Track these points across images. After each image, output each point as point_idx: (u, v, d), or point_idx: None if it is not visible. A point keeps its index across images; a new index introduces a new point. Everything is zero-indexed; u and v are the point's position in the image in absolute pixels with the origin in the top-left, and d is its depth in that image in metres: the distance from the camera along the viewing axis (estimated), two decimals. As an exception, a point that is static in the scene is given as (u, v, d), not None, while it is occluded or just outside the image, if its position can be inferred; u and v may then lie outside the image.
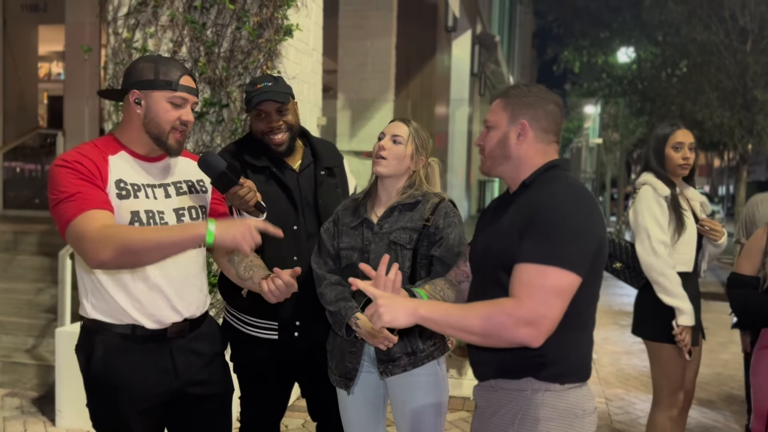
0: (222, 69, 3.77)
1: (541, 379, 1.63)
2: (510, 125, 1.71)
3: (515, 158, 1.72)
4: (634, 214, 2.94)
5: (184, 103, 1.90)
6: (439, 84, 8.24)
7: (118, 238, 1.70)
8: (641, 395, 4.77)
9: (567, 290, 1.52)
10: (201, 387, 2.00)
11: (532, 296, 1.50)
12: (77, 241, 1.74)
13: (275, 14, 3.72)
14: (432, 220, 2.13)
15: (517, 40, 23.23)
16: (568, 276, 1.52)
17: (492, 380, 1.72)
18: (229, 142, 3.80)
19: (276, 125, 2.32)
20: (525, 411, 1.63)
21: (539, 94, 1.73)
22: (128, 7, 3.92)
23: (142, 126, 1.90)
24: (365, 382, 2.21)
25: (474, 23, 10.83)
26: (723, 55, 10.92)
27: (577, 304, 1.59)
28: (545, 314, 1.49)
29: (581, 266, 1.54)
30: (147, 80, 1.87)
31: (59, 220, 1.77)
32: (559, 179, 1.65)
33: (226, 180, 1.96)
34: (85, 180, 1.78)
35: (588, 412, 1.67)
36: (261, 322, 2.34)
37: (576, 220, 1.55)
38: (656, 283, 2.86)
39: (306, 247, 2.34)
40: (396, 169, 2.18)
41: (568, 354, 1.64)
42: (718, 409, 4.56)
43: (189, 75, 1.92)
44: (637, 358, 5.84)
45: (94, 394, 1.93)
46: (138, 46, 3.88)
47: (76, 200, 1.74)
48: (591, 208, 1.61)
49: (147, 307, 1.88)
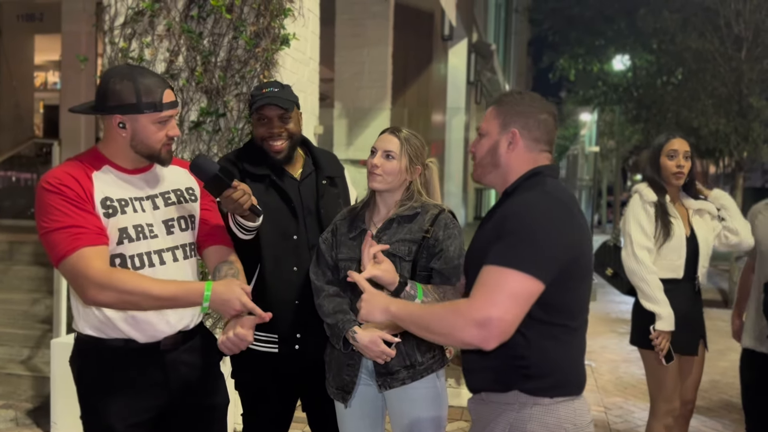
0: (219, 78, 3.76)
1: (527, 393, 1.61)
2: (501, 133, 1.70)
3: (504, 166, 1.71)
4: (623, 221, 3.03)
5: (169, 120, 1.88)
6: (435, 92, 8.25)
7: (121, 284, 1.74)
8: (640, 404, 4.75)
9: (523, 295, 1.49)
10: (195, 399, 1.98)
11: (485, 297, 1.49)
12: (74, 279, 1.76)
13: (272, 24, 3.72)
14: (431, 232, 2.11)
15: (513, 48, 23.30)
16: (527, 280, 1.49)
17: (483, 393, 1.71)
18: (227, 151, 3.80)
19: (277, 131, 2.30)
20: (513, 425, 1.62)
21: (532, 102, 1.71)
22: (125, 16, 3.91)
23: (129, 146, 1.87)
24: (363, 395, 2.18)
25: (470, 32, 10.87)
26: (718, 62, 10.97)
27: (560, 314, 1.59)
28: (497, 316, 1.46)
29: (544, 272, 1.50)
30: (130, 104, 1.81)
31: (51, 250, 1.76)
32: (538, 186, 1.64)
33: (219, 183, 1.92)
34: (74, 206, 1.76)
35: (579, 426, 1.62)
36: (261, 335, 2.30)
37: (543, 227, 1.53)
38: (638, 288, 2.92)
39: (306, 258, 2.31)
40: (392, 183, 2.17)
41: (555, 367, 1.61)
42: (717, 418, 4.54)
43: (169, 88, 1.88)
44: (636, 366, 5.82)
45: (88, 407, 1.91)
46: (134, 55, 3.87)
47: (70, 234, 1.73)
48: (564, 215, 1.58)
49: (139, 322, 1.86)
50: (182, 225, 1.97)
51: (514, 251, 1.51)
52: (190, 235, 2.01)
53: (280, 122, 2.30)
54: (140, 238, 1.85)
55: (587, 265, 1.65)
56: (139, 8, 3.87)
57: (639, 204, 2.96)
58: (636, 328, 3.02)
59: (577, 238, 1.58)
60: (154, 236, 1.89)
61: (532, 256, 1.50)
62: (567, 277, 1.56)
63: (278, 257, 2.30)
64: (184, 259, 1.96)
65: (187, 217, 2.00)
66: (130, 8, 3.90)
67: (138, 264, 1.86)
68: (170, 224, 1.94)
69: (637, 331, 3.01)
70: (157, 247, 1.89)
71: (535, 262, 1.50)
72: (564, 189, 1.70)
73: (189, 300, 1.81)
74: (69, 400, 3.58)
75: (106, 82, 1.84)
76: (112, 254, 1.82)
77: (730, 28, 10.75)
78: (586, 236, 1.64)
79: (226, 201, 1.97)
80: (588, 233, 1.66)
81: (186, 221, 1.99)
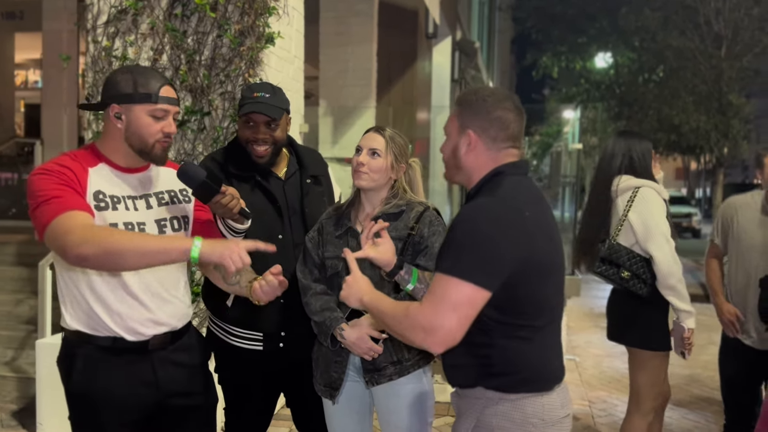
0: (204, 77, 3.75)
1: (490, 389, 1.64)
2: (459, 135, 1.70)
3: (466, 168, 1.71)
4: (640, 217, 2.82)
5: (165, 115, 1.88)
6: (420, 90, 8.28)
7: (104, 236, 1.68)
8: (623, 397, 4.81)
9: (466, 304, 1.51)
10: (184, 399, 1.98)
11: (431, 306, 1.53)
12: (58, 237, 1.69)
13: (257, 22, 3.72)
14: (417, 229, 2.14)
15: (497, 46, 23.40)
16: (470, 289, 1.51)
17: (458, 388, 1.74)
18: (212, 150, 3.80)
19: (262, 137, 2.30)
20: (479, 419, 1.65)
21: (486, 100, 1.68)
22: (108, 15, 3.89)
23: (123, 139, 1.88)
24: (351, 392, 2.20)
25: (454, 30, 10.90)
26: (698, 60, 11.11)
27: (519, 315, 1.60)
28: (440, 324, 1.50)
29: (488, 280, 1.52)
30: (126, 94, 1.84)
31: (39, 221, 1.73)
32: (492, 190, 1.63)
33: (208, 189, 1.94)
34: (65, 185, 1.77)
35: (548, 422, 1.63)
36: (246, 332, 2.33)
37: (488, 235, 1.54)
38: (673, 289, 2.78)
39: (292, 257, 2.33)
40: (377, 181, 2.19)
41: (519, 364, 1.62)
42: (698, 411, 4.62)
43: (169, 85, 1.89)
44: (619, 360, 5.89)
45: (76, 407, 1.91)
46: (118, 54, 3.85)
47: (57, 202, 1.72)
48: (512, 220, 1.56)
49: (126, 320, 1.86)
50: (175, 225, 1.98)
51: (458, 260, 1.54)
52: (183, 236, 2.01)
53: (266, 128, 2.30)
54: None
55: (546, 265, 1.63)
56: (123, 7, 3.85)
57: (658, 199, 2.84)
58: (628, 328, 2.94)
59: (526, 242, 1.57)
60: None
61: (475, 265, 1.52)
62: (519, 281, 1.56)
63: (265, 257, 2.30)
64: None
65: (180, 218, 2.00)
66: (113, 7, 3.88)
67: None
68: (163, 224, 1.94)
69: (630, 330, 2.93)
70: None
71: (479, 271, 1.52)
72: (524, 188, 1.67)
73: (176, 244, 1.70)
74: (55, 400, 3.57)
75: (109, 77, 1.90)
76: None
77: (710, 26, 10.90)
78: (544, 237, 1.62)
79: (216, 206, 1.99)
80: (548, 233, 1.64)
81: (179, 221, 2.00)
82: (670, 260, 2.76)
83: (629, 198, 2.86)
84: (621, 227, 2.88)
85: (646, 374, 2.95)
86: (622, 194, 2.89)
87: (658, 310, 2.88)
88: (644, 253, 2.82)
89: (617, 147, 2.99)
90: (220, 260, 1.69)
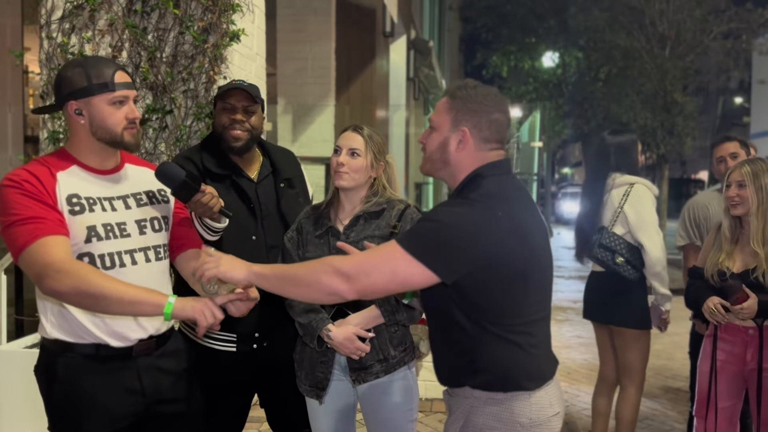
0: (166, 74, 3.67)
1: (476, 388, 1.64)
2: (451, 130, 1.68)
3: (453, 165, 1.70)
4: (635, 210, 3.13)
5: (126, 101, 1.84)
6: (378, 88, 8.29)
7: (81, 276, 1.65)
8: (584, 387, 4.95)
9: (403, 275, 1.56)
10: (170, 406, 1.94)
11: (367, 257, 1.58)
12: (33, 268, 1.67)
13: (221, 19, 3.66)
14: (399, 227, 2.15)
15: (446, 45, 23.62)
16: (417, 267, 1.54)
17: (448, 387, 1.76)
18: (174, 149, 3.72)
19: (239, 118, 2.29)
20: (468, 418, 1.66)
21: (485, 100, 1.68)
22: (63, 10, 3.76)
23: (90, 135, 1.83)
24: (336, 391, 2.20)
25: (408, 29, 10.96)
26: (644, 59, 11.49)
27: (499, 316, 1.61)
28: (368, 275, 1.55)
29: (440, 269, 1.55)
30: (81, 88, 1.80)
31: (12, 244, 1.70)
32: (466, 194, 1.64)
33: (187, 189, 1.92)
34: (34, 200, 1.71)
35: (536, 421, 1.64)
36: (219, 334, 2.30)
37: (451, 231, 1.56)
38: (658, 275, 3.12)
39: (264, 258, 2.30)
40: (358, 181, 2.19)
41: (502, 363, 1.63)
42: (655, 398, 4.78)
43: (122, 70, 1.86)
44: (576, 351, 6.05)
45: (58, 418, 1.84)
46: (74, 51, 3.73)
47: (30, 224, 1.68)
48: (485, 222, 1.57)
49: (110, 324, 1.82)
50: (155, 226, 1.94)
51: (419, 240, 1.57)
52: (163, 236, 1.97)
53: (243, 113, 2.30)
54: (110, 237, 1.81)
55: (522, 265, 1.62)
56: (79, 2, 3.73)
57: (651, 195, 3.18)
58: (620, 310, 3.23)
59: (493, 243, 1.57)
60: (126, 235, 1.85)
61: (432, 249, 1.55)
62: (488, 280, 1.58)
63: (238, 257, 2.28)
64: (156, 260, 1.92)
65: (161, 218, 1.97)
66: (68, 2, 3.75)
67: (108, 263, 1.81)
68: (143, 224, 1.90)
69: (622, 312, 3.22)
70: (129, 246, 1.85)
71: (434, 256, 1.54)
72: (504, 189, 1.67)
73: (152, 298, 1.69)
74: (13, 409, 3.44)
75: (59, 75, 1.84)
76: (80, 253, 1.78)
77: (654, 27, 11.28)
78: (520, 237, 1.61)
79: (195, 205, 1.97)
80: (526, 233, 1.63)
81: (159, 222, 1.96)
82: (658, 249, 3.11)
83: (624, 192, 3.19)
84: (617, 218, 3.18)
85: (637, 351, 3.26)
86: (617, 188, 3.20)
87: (642, 292, 3.21)
88: (635, 242, 3.15)
89: (609, 144, 3.31)
90: (193, 317, 1.70)
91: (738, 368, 2.71)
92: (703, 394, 2.78)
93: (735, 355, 2.71)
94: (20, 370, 3.36)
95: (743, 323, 2.66)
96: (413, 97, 13.09)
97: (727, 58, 13.38)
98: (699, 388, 2.82)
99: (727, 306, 2.61)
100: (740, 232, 2.71)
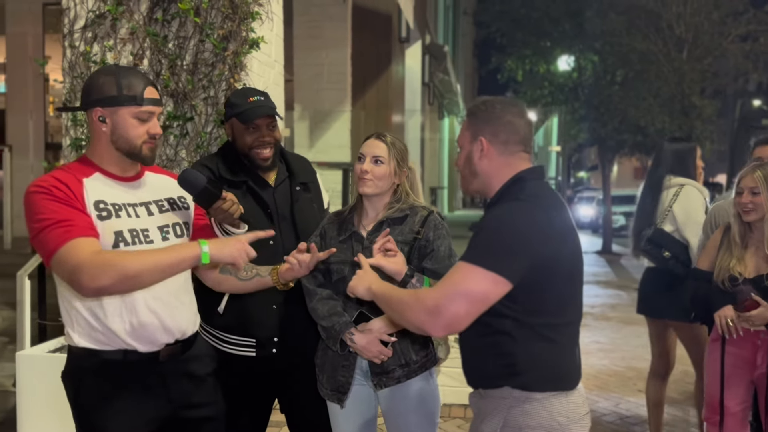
0: (186, 82, 3.71)
1: (516, 387, 1.66)
2: (472, 143, 1.77)
3: (481, 174, 1.77)
4: (684, 210, 3.41)
5: (150, 117, 1.87)
6: (394, 94, 8.33)
7: (116, 263, 1.67)
8: (602, 393, 4.92)
9: (481, 292, 1.56)
10: (195, 410, 1.96)
11: (442, 289, 1.58)
12: (68, 271, 1.69)
13: (241, 27, 3.69)
14: (422, 233, 2.16)
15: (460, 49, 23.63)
16: (488, 277, 1.55)
17: (480, 389, 1.76)
18: (194, 156, 3.76)
19: (267, 140, 2.31)
20: (507, 419, 1.67)
21: (494, 108, 1.77)
22: (85, 19, 3.82)
23: (110, 143, 1.86)
24: (357, 395, 2.21)
25: (423, 34, 10.99)
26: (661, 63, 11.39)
27: (542, 314, 1.65)
28: (446, 308, 1.54)
29: (508, 271, 1.57)
30: (110, 97, 1.82)
31: (43, 248, 1.72)
32: (514, 195, 1.69)
33: (209, 195, 1.94)
34: (64, 204, 1.74)
35: (573, 419, 1.68)
36: (238, 339, 2.32)
37: (512, 230, 1.60)
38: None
39: (282, 262, 2.32)
40: (381, 188, 2.21)
41: (543, 363, 1.66)
42: (677, 404, 4.73)
43: (152, 85, 1.89)
44: (594, 357, 6.02)
45: (85, 424, 1.87)
46: (97, 59, 3.79)
47: (61, 227, 1.70)
48: (536, 220, 1.63)
49: (138, 329, 1.84)
50: (177, 231, 1.97)
51: (482, 250, 1.59)
52: (185, 242, 1.99)
53: (268, 130, 2.32)
54: (136, 242, 1.84)
55: (568, 265, 1.68)
56: (101, 11, 3.79)
57: (701, 196, 3.43)
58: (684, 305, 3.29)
59: (550, 240, 1.63)
60: (149, 241, 1.87)
61: (499, 255, 1.57)
62: (542, 279, 1.61)
63: (257, 262, 2.30)
64: None
65: (182, 224, 2.00)
66: (90, 11, 3.81)
67: None
68: (165, 230, 1.93)
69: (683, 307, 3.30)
70: None
71: (501, 261, 1.56)
72: (545, 191, 1.74)
73: (186, 253, 1.75)
74: (37, 413, 3.49)
75: (90, 79, 1.87)
76: None
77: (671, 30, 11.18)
78: (566, 236, 1.68)
79: (216, 211, 1.99)
80: (568, 233, 1.70)
81: (181, 228, 1.99)
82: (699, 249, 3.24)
83: (675, 193, 3.48)
84: (666, 216, 3.46)
85: (699, 345, 3.36)
86: (668, 189, 3.51)
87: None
88: (683, 240, 3.40)
89: (666, 150, 3.63)
90: (231, 260, 1.75)
91: (747, 372, 2.69)
92: (713, 399, 2.76)
93: (744, 359, 2.69)
94: (44, 374, 3.41)
95: (755, 328, 2.65)
96: (428, 102, 13.11)
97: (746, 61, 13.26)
98: (708, 393, 2.80)
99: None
100: (750, 237, 2.68)
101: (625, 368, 5.67)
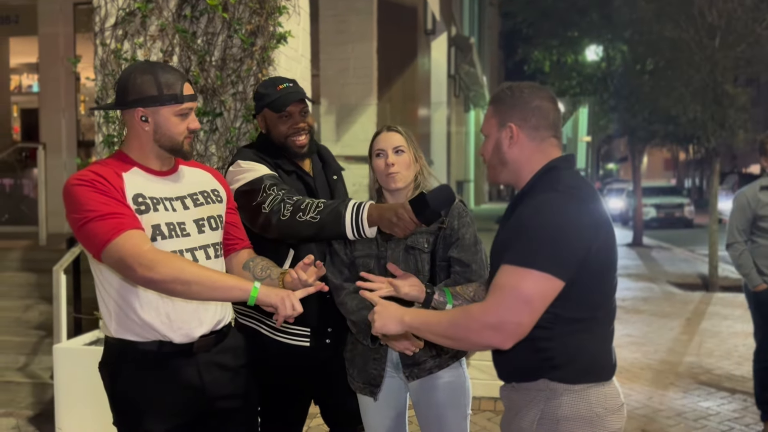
0: (215, 77, 3.75)
1: (555, 380, 1.64)
2: (500, 131, 1.70)
3: (512, 162, 1.71)
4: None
5: (189, 113, 1.90)
6: (420, 87, 8.30)
7: (176, 264, 1.73)
8: (636, 386, 4.86)
9: (539, 295, 1.52)
10: (228, 401, 1.99)
11: (500, 300, 1.53)
12: (123, 260, 1.72)
13: (268, 21, 3.72)
14: (447, 222, 2.15)
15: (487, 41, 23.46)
16: (544, 279, 1.51)
17: (514, 382, 1.74)
18: (224, 151, 3.80)
19: (301, 126, 2.29)
20: (544, 411, 1.65)
21: (522, 92, 1.70)
22: (116, 17, 3.88)
23: (153, 141, 1.89)
24: (388, 388, 2.22)
25: (449, 26, 10.93)
26: (693, 51, 11.14)
27: (583, 307, 1.61)
28: (510, 319, 1.51)
29: (561, 269, 1.53)
30: (151, 96, 1.84)
31: (93, 239, 1.74)
32: (553, 183, 1.64)
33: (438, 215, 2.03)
34: (109, 196, 1.77)
35: (610, 410, 1.66)
36: (293, 328, 2.27)
37: (559, 225, 1.55)
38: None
39: (327, 252, 2.29)
40: (408, 177, 2.20)
41: (580, 355, 1.64)
42: (709, 397, 4.65)
43: (188, 81, 1.92)
44: (627, 350, 5.94)
45: (121, 413, 1.90)
46: (127, 56, 3.84)
47: (112, 219, 1.73)
48: (579, 211, 1.58)
49: (175, 321, 1.87)
50: (212, 224, 1.99)
51: (530, 250, 1.53)
52: (220, 234, 2.03)
53: (301, 116, 2.30)
54: (173, 235, 1.86)
55: (608, 257, 1.64)
56: (131, 9, 3.84)
57: None
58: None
59: (593, 233, 1.59)
60: (186, 234, 1.90)
61: (549, 254, 1.52)
62: (587, 272, 1.58)
63: (310, 250, 2.27)
64: (215, 257, 1.98)
65: (216, 217, 2.02)
66: (121, 9, 3.87)
67: None
68: (201, 223, 1.95)
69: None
70: (190, 245, 1.90)
71: (553, 260, 1.52)
72: (581, 181, 1.69)
73: (241, 285, 1.79)
74: (74, 405, 3.57)
75: (127, 78, 1.88)
76: None
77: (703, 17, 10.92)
78: (605, 228, 1.63)
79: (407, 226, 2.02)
80: (607, 225, 1.65)
81: (215, 221, 2.01)
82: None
83: None
84: None
85: None
86: None
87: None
88: None
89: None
90: (275, 304, 1.80)
91: None
92: None
93: None
94: (81, 366, 3.49)
95: None
96: (454, 94, 13.04)
97: (781, 47, 12.89)
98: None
99: None
100: None
101: (657, 361, 5.59)
